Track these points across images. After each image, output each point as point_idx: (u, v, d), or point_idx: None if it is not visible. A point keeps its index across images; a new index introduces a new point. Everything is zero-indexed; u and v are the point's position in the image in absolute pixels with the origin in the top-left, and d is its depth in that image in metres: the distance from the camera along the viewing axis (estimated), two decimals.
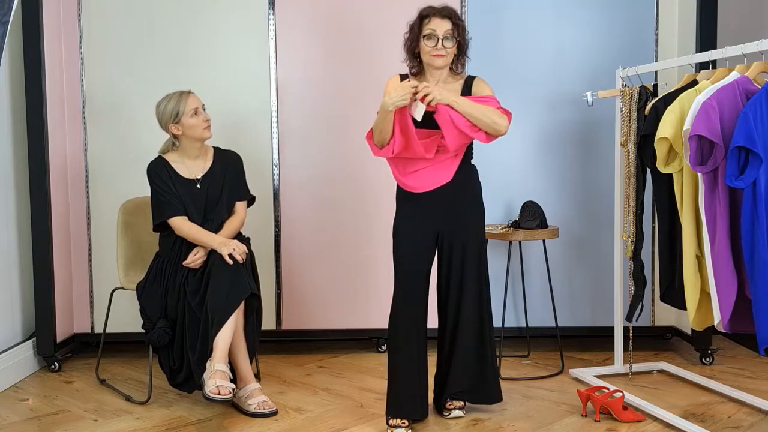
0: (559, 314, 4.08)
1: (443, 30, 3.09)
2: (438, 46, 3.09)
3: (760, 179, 2.68)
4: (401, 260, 3.16)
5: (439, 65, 3.13)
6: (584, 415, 3.25)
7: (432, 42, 3.09)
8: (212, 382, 3.10)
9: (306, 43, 4.20)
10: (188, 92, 3.47)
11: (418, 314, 3.17)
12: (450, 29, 3.10)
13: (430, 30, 3.10)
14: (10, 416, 3.35)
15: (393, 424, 3.12)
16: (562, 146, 4.24)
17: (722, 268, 2.83)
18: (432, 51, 3.09)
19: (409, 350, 3.15)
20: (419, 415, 3.17)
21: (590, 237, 4.24)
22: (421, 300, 3.17)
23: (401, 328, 3.15)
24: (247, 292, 3.28)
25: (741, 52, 2.95)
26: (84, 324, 4.24)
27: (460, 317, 3.20)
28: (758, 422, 3.16)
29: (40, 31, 3.84)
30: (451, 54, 3.14)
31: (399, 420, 3.12)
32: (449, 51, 3.12)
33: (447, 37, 3.10)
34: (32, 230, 3.90)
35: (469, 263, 3.18)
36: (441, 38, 3.09)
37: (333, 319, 4.25)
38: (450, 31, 3.10)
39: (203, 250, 3.39)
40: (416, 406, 3.16)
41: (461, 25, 3.15)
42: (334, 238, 4.23)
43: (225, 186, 3.53)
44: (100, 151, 4.19)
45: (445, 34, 3.09)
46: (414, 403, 3.15)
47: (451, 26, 3.11)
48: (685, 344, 4.30)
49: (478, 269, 3.21)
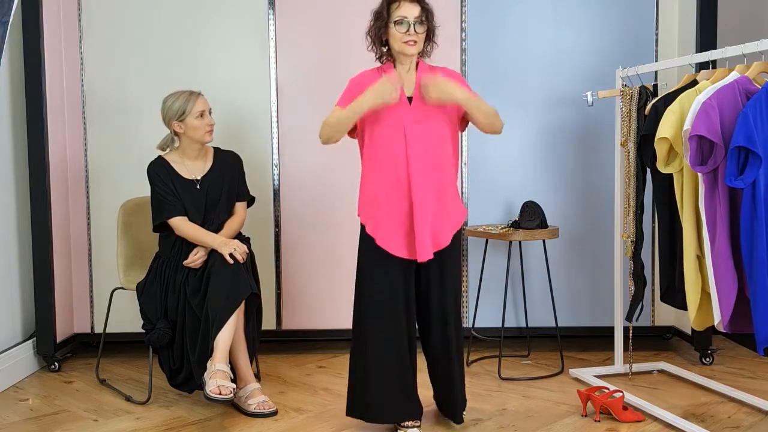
0: (559, 314, 4.08)
1: (413, 15, 2.95)
2: (410, 31, 2.94)
3: (759, 179, 2.68)
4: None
5: (411, 53, 2.99)
6: (584, 415, 3.25)
7: (403, 28, 2.94)
8: (213, 381, 3.10)
9: (306, 43, 4.20)
10: (198, 93, 3.48)
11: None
12: (419, 14, 2.97)
13: (400, 16, 2.95)
14: (10, 416, 3.35)
15: (406, 425, 3.10)
16: (562, 146, 4.24)
17: (722, 268, 2.83)
18: (404, 38, 2.95)
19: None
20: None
21: (590, 237, 4.24)
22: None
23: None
24: (247, 292, 3.28)
25: (741, 52, 2.95)
26: (84, 324, 4.24)
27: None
28: (758, 422, 3.16)
29: (40, 31, 3.84)
30: (422, 40, 3.00)
31: (411, 421, 3.11)
32: (420, 37, 2.98)
33: (418, 22, 2.96)
34: (32, 230, 3.90)
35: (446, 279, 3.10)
36: (412, 24, 2.94)
37: (333, 319, 4.25)
38: (419, 15, 2.97)
39: (203, 250, 3.39)
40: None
41: (430, 10, 3.01)
42: (334, 238, 4.23)
43: (225, 186, 3.53)
44: (100, 151, 4.19)
45: (416, 19, 2.95)
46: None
47: (420, 10, 2.97)
48: (685, 344, 4.30)
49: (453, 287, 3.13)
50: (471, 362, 4.06)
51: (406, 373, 3.07)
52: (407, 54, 3.00)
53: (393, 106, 2.96)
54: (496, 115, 3.05)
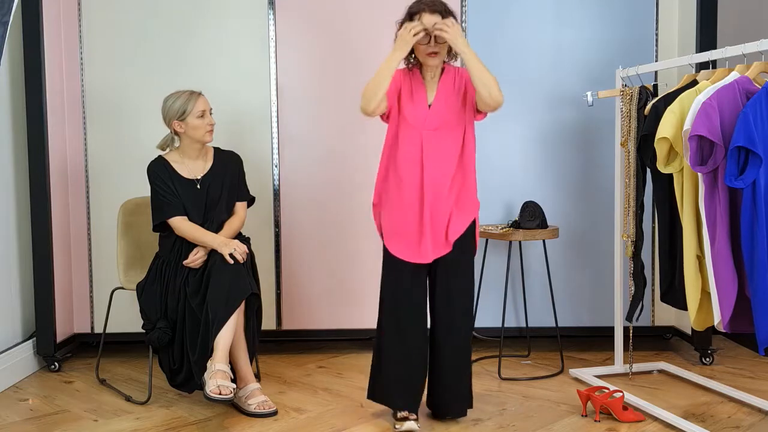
0: (559, 314, 4.08)
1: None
2: (431, 43, 3.01)
3: (759, 179, 2.68)
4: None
5: (434, 64, 3.07)
6: (584, 415, 3.25)
7: (425, 40, 3.01)
8: (213, 381, 3.10)
9: (306, 44, 4.20)
10: (199, 93, 3.48)
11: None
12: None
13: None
14: (10, 416, 3.35)
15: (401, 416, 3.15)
16: (562, 146, 4.24)
17: (722, 267, 2.83)
18: (426, 49, 3.03)
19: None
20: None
21: (590, 237, 4.24)
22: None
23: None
24: (247, 292, 3.28)
25: (741, 52, 2.95)
26: (84, 324, 4.24)
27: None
28: (758, 422, 3.16)
29: (40, 31, 3.84)
30: (444, 50, 3.06)
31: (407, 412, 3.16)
32: (443, 47, 3.05)
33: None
34: (32, 230, 3.90)
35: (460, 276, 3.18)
36: (433, 35, 3.00)
37: (333, 319, 4.25)
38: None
39: (203, 250, 3.39)
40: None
41: (451, 15, 3.05)
42: (334, 238, 4.23)
43: (225, 186, 3.53)
44: (100, 151, 4.19)
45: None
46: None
47: (441, 20, 3.00)
48: (685, 344, 4.30)
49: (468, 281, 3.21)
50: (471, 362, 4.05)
51: (416, 366, 3.17)
52: (429, 65, 3.08)
53: (412, 110, 3.08)
54: (495, 82, 3.01)
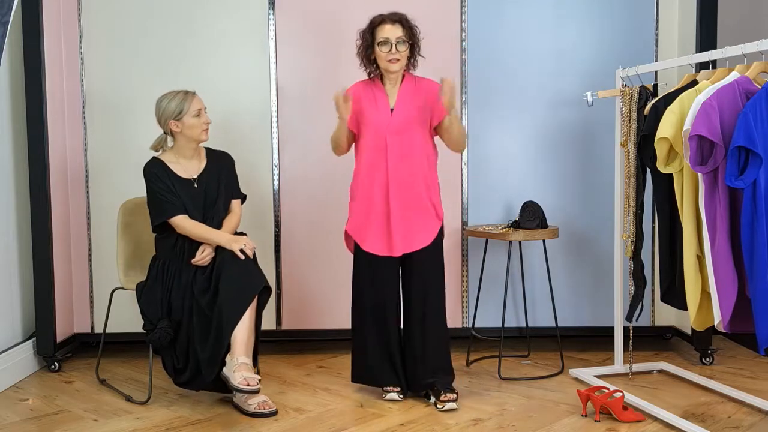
0: (559, 314, 4.08)
1: (395, 35, 3.30)
2: (392, 51, 3.30)
3: (760, 179, 2.68)
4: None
5: (395, 70, 3.35)
6: (584, 415, 3.25)
7: (386, 48, 3.30)
8: (239, 374, 3.19)
9: (306, 44, 4.20)
10: (193, 93, 3.50)
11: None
12: (401, 34, 3.31)
13: (382, 37, 3.31)
14: (10, 416, 3.35)
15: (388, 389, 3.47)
16: (562, 146, 4.24)
17: (722, 267, 2.83)
18: (387, 56, 3.31)
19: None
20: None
21: (590, 237, 4.25)
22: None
23: None
24: (261, 285, 3.34)
25: (741, 52, 2.95)
26: (84, 324, 4.24)
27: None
28: (758, 422, 3.16)
29: (40, 31, 3.84)
30: (404, 57, 3.35)
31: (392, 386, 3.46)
32: (403, 54, 3.33)
33: (400, 41, 3.31)
34: (32, 230, 3.90)
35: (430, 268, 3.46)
36: (394, 43, 3.30)
37: (333, 319, 4.25)
38: (402, 35, 3.31)
39: (210, 247, 3.39)
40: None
41: (412, 27, 3.37)
42: (334, 238, 4.23)
43: (221, 185, 3.55)
44: (100, 151, 4.19)
45: (398, 39, 3.30)
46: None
47: (402, 30, 3.32)
48: (685, 344, 4.30)
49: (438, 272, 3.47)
50: (471, 362, 4.06)
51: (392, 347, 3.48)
52: (391, 71, 3.37)
53: (375, 116, 3.37)
54: (465, 138, 3.47)
